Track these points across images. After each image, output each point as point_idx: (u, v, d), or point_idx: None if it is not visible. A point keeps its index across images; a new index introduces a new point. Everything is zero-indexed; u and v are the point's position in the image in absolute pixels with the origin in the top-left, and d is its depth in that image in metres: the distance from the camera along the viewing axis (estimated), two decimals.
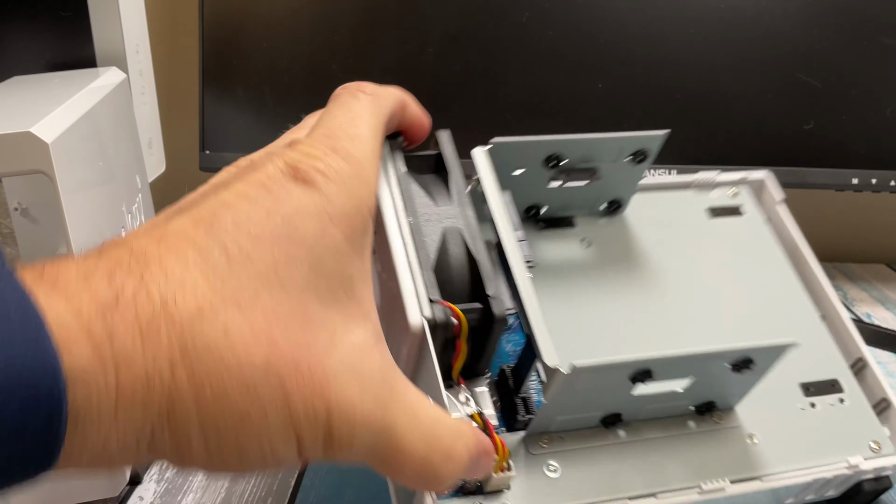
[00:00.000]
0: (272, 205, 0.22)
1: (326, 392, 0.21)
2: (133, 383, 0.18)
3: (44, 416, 0.17)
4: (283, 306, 0.21)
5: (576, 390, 0.31)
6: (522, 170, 0.38)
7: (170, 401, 0.19)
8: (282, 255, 0.21)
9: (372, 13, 0.61)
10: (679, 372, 0.32)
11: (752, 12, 0.60)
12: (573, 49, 0.61)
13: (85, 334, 0.18)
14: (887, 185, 0.61)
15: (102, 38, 0.49)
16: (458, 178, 0.33)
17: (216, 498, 0.39)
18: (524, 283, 0.32)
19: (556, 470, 0.33)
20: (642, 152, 0.39)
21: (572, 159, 0.38)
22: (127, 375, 0.18)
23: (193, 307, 0.19)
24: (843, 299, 0.69)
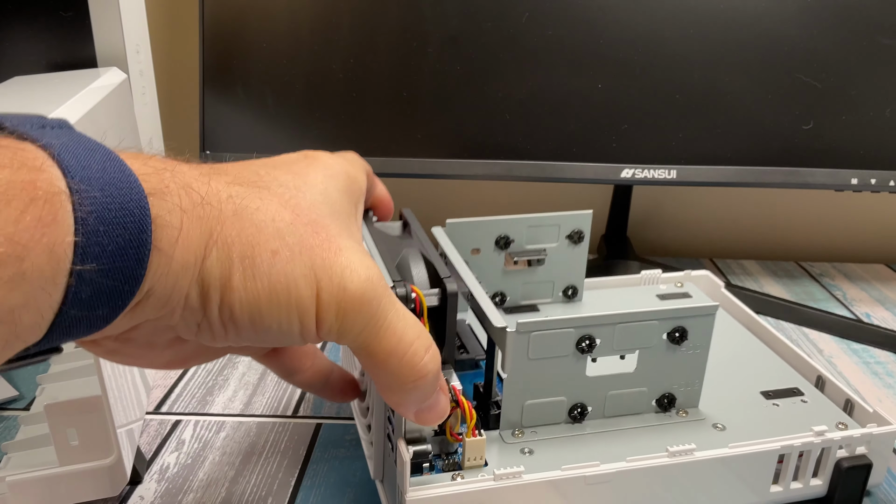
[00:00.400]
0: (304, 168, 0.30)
1: (339, 255, 0.26)
2: (192, 220, 0.23)
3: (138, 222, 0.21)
4: (304, 206, 0.27)
5: (530, 360, 0.35)
6: (479, 250, 0.45)
7: (219, 233, 0.24)
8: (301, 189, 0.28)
9: (372, 13, 0.61)
10: (620, 341, 0.36)
11: (752, 13, 0.60)
12: (573, 49, 0.61)
13: (163, 188, 0.23)
14: (886, 185, 0.62)
15: (103, 38, 0.49)
16: (419, 229, 0.39)
17: (216, 498, 0.39)
18: (467, 273, 0.38)
19: (531, 452, 0.36)
20: (578, 232, 0.47)
21: (518, 240, 0.46)
22: (189, 215, 0.23)
23: (225, 192, 0.25)
24: (843, 299, 0.70)
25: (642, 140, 0.62)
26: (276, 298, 0.25)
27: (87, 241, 0.20)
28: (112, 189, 0.21)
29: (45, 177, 0.19)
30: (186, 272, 0.23)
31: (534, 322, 0.35)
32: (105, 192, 0.20)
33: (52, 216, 0.19)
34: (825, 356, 0.58)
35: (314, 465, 0.42)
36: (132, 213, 0.21)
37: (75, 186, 0.20)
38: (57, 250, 0.19)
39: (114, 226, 0.20)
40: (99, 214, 0.20)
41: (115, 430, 0.36)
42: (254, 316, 0.25)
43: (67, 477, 0.36)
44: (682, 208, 0.84)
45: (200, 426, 0.46)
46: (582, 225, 0.46)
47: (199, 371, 0.53)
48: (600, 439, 0.37)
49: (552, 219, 0.45)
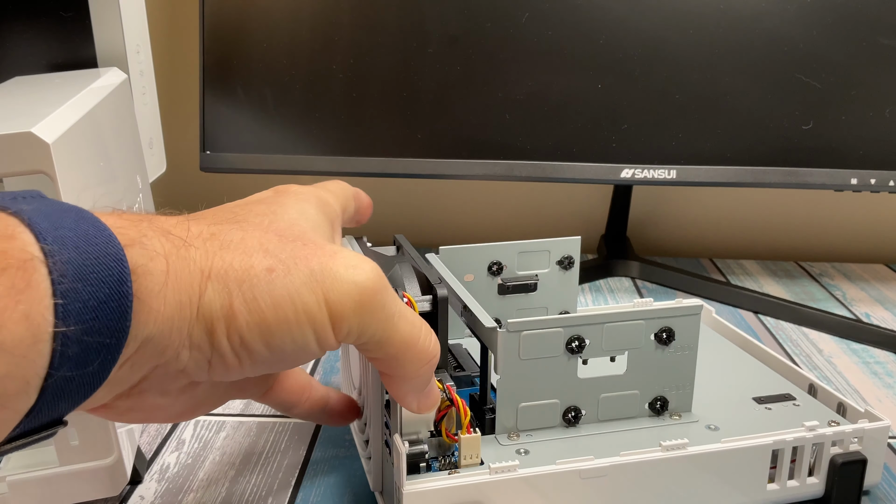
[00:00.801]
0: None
1: (336, 257, 0.26)
2: (178, 262, 0.24)
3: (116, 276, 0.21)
4: (284, 226, 0.28)
5: (521, 361, 0.36)
6: (472, 276, 0.46)
7: (209, 268, 0.24)
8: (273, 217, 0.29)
9: (372, 13, 0.62)
10: (608, 341, 0.37)
11: (752, 13, 0.60)
12: (573, 49, 0.61)
13: (141, 237, 0.23)
14: (886, 185, 0.62)
15: (103, 38, 0.49)
16: (411, 249, 0.40)
17: (217, 498, 0.39)
18: (459, 286, 0.40)
19: (527, 452, 0.36)
20: (568, 258, 0.47)
21: (510, 266, 0.46)
22: (174, 258, 0.23)
23: (206, 231, 0.26)
24: (843, 299, 0.70)
25: (642, 140, 0.62)
26: (283, 314, 0.25)
27: (66, 301, 0.20)
28: (87, 246, 0.21)
29: (16, 244, 0.19)
30: (183, 312, 0.23)
31: (523, 322, 0.35)
32: (80, 249, 0.20)
33: (25, 282, 0.19)
34: (825, 356, 0.58)
35: (314, 465, 0.42)
36: (109, 267, 0.21)
37: (48, 248, 0.20)
38: (34, 317, 0.19)
39: (91, 283, 0.20)
40: (76, 272, 0.20)
41: (115, 429, 0.36)
42: (265, 337, 0.25)
43: (68, 477, 0.36)
44: (682, 208, 0.84)
45: (201, 426, 0.46)
46: (571, 250, 0.47)
47: None
48: (595, 441, 0.37)
49: (542, 244, 0.46)
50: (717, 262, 0.80)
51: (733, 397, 0.42)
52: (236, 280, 0.25)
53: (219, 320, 0.24)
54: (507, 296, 0.47)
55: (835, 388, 0.53)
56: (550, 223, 0.85)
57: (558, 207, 0.85)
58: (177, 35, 0.81)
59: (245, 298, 0.24)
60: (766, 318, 0.65)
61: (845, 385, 0.53)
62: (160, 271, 0.23)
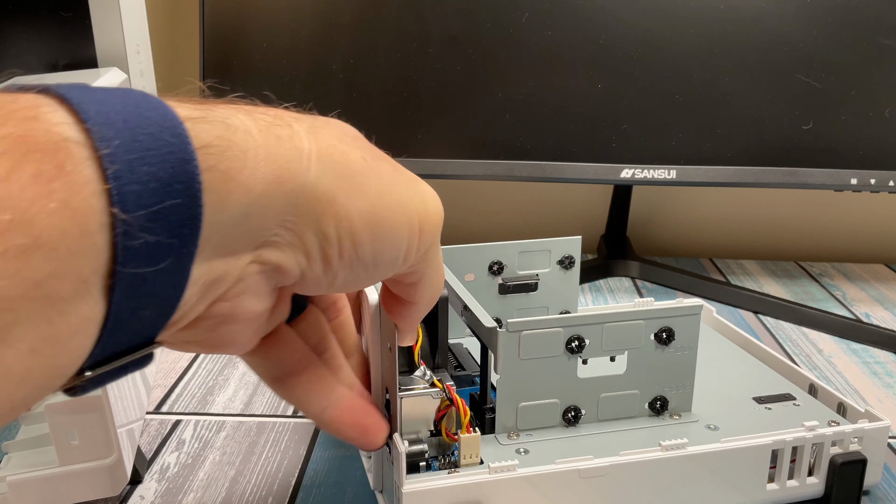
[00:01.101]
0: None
1: (418, 181, 0.26)
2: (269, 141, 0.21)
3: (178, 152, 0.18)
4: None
5: (521, 361, 0.36)
6: (473, 276, 0.46)
7: (312, 151, 0.22)
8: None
9: (372, 13, 0.62)
10: (608, 341, 0.37)
11: (752, 13, 0.60)
12: (573, 49, 0.61)
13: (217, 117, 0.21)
14: (886, 185, 0.62)
15: (103, 38, 0.49)
16: None
17: (216, 498, 0.39)
18: (460, 287, 0.40)
19: (526, 452, 0.36)
20: (569, 257, 0.47)
21: (511, 266, 0.46)
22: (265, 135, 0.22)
23: (290, 115, 0.24)
24: (842, 299, 0.70)
25: (642, 140, 0.62)
26: (390, 205, 0.24)
27: (119, 184, 0.17)
28: (138, 120, 0.18)
29: (40, 126, 0.17)
30: (284, 187, 0.21)
31: (523, 322, 0.35)
32: (129, 124, 0.18)
33: (55, 168, 0.16)
34: (825, 356, 0.58)
35: (314, 465, 0.42)
36: (169, 144, 0.18)
37: (92, 127, 0.17)
38: (78, 205, 0.16)
39: (149, 162, 0.18)
40: (128, 152, 0.17)
41: (115, 429, 0.36)
42: (373, 227, 0.23)
43: (68, 477, 0.36)
44: (681, 208, 0.84)
45: (201, 426, 0.46)
46: (572, 250, 0.47)
47: (200, 371, 0.53)
48: (594, 441, 0.37)
49: (542, 244, 0.46)
50: (717, 262, 0.80)
51: (733, 397, 0.42)
52: (342, 163, 0.23)
53: (330, 201, 0.22)
54: (507, 295, 0.47)
55: (835, 388, 0.53)
56: (550, 223, 0.85)
57: (558, 207, 0.85)
58: (177, 35, 0.81)
59: (355, 182, 0.23)
60: (766, 318, 0.65)
61: (845, 385, 0.53)
62: (246, 145, 0.20)
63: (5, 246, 0.15)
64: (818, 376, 0.55)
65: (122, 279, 0.17)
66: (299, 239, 0.22)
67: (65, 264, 0.16)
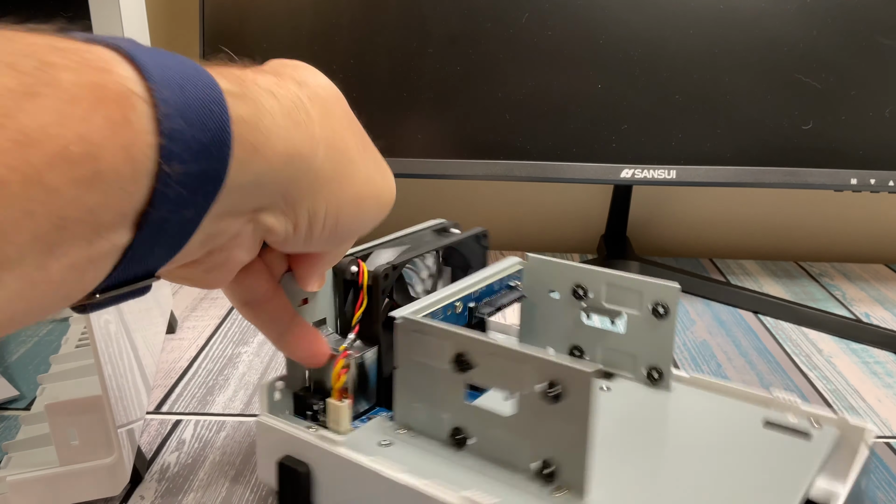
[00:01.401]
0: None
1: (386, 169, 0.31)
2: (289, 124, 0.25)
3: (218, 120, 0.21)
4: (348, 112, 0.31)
5: (413, 361, 0.34)
6: (557, 294, 0.42)
7: (321, 138, 0.26)
8: None
9: (372, 13, 0.62)
10: (496, 374, 0.32)
11: (752, 13, 0.60)
12: (573, 49, 0.61)
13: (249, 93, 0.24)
14: (886, 185, 0.62)
15: None
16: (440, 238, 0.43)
17: (217, 497, 0.39)
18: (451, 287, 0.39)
19: (389, 444, 0.35)
20: (663, 305, 0.40)
21: (596, 295, 0.42)
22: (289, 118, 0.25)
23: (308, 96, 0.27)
24: (842, 299, 0.70)
25: (642, 140, 0.62)
26: (374, 191, 0.29)
27: (169, 140, 0.20)
28: (191, 87, 0.21)
29: (112, 78, 0.19)
30: (293, 165, 0.25)
31: (416, 321, 0.34)
32: (184, 90, 0.20)
33: (122, 116, 0.19)
34: (825, 356, 0.58)
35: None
36: (213, 112, 0.21)
37: (153, 86, 0.20)
38: (134, 152, 0.19)
39: (194, 125, 0.20)
40: (179, 113, 0.20)
41: (115, 429, 0.36)
42: (356, 209, 0.28)
43: (68, 476, 0.36)
44: (681, 208, 0.84)
45: (201, 426, 0.46)
46: (667, 298, 0.39)
47: (200, 371, 0.53)
48: (452, 472, 0.33)
49: (633, 282, 0.40)
50: (717, 262, 0.80)
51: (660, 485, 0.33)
52: (342, 151, 0.27)
53: (327, 184, 0.26)
54: (591, 326, 0.42)
55: (834, 388, 0.53)
56: (550, 223, 0.85)
57: (558, 207, 0.85)
58: (177, 35, 0.81)
59: (349, 171, 0.27)
60: (765, 318, 0.65)
61: (845, 385, 0.53)
62: (271, 125, 0.23)
63: (76, 174, 0.18)
64: (818, 376, 0.55)
65: (151, 220, 0.20)
66: (293, 210, 0.26)
67: (114, 198, 0.19)
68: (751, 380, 0.54)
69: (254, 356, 0.55)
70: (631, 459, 0.35)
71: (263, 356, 0.55)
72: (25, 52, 0.18)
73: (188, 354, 0.56)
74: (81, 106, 0.18)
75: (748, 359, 0.57)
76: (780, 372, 0.55)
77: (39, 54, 0.18)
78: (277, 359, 0.55)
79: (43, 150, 0.17)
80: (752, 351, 0.58)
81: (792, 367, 0.56)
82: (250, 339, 0.58)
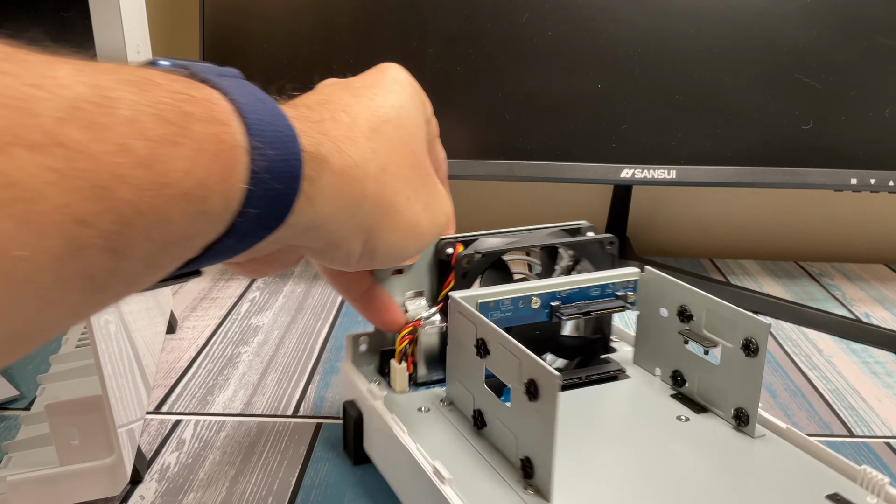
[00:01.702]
0: None
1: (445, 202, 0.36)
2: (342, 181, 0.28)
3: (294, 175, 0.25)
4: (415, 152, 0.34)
5: (454, 338, 0.38)
6: (666, 312, 0.41)
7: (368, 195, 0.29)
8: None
9: (372, 14, 0.62)
10: (500, 360, 0.34)
11: (752, 13, 0.60)
12: (573, 49, 0.61)
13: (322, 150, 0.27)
14: (886, 185, 0.62)
15: (103, 38, 0.49)
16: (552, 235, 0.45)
17: (217, 497, 0.39)
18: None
19: (427, 411, 0.39)
20: (753, 341, 0.36)
21: (698, 320, 0.39)
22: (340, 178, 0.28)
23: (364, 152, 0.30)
24: (842, 299, 0.70)
25: (642, 140, 0.62)
26: (415, 236, 0.33)
27: (253, 189, 0.23)
28: (280, 145, 0.24)
29: (229, 130, 0.22)
30: (340, 215, 0.28)
31: (457, 302, 0.37)
32: (275, 148, 0.24)
33: (231, 167, 0.22)
34: (825, 356, 0.58)
35: (314, 465, 0.42)
36: (291, 167, 0.25)
37: (255, 143, 0.23)
38: (230, 195, 0.22)
39: (275, 178, 0.24)
40: (267, 168, 0.23)
41: (115, 429, 0.36)
42: (397, 250, 0.32)
43: (68, 476, 0.36)
44: (681, 208, 0.84)
45: (201, 426, 0.46)
46: (757, 334, 0.36)
47: (200, 371, 0.53)
48: (463, 450, 0.35)
49: (730, 312, 0.37)
50: (717, 262, 0.80)
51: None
52: (390, 204, 0.30)
53: (369, 231, 0.30)
54: (690, 349, 0.40)
55: (834, 388, 0.53)
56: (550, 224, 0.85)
57: (558, 207, 0.85)
58: (177, 35, 0.81)
59: (393, 220, 0.31)
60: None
61: (845, 385, 0.53)
62: (326, 182, 0.27)
63: (189, 210, 0.21)
64: (818, 376, 0.55)
65: (226, 241, 0.24)
66: (332, 248, 0.30)
67: (207, 230, 0.23)
68: None
69: (254, 356, 0.55)
70: (657, 489, 0.33)
71: (263, 356, 0.55)
72: (168, 102, 0.21)
73: (188, 354, 0.56)
74: (206, 156, 0.21)
75: None
76: (780, 372, 0.55)
77: (180, 104, 0.21)
78: (277, 359, 0.55)
79: (174, 189, 0.20)
80: None
81: (792, 367, 0.56)
82: (250, 339, 0.58)
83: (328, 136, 0.27)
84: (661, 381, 0.42)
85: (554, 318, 0.40)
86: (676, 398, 0.40)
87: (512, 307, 0.39)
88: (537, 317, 0.40)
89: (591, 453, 0.36)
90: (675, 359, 0.41)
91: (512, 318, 0.39)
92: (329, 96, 0.31)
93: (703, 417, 0.39)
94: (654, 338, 0.42)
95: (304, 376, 0.52)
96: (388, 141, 0.31)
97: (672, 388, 0.41)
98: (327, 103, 0.30)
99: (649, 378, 0.42)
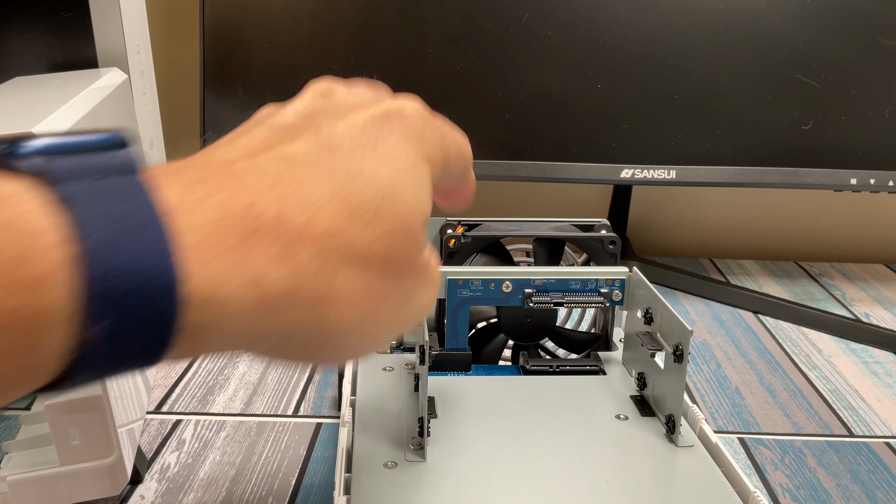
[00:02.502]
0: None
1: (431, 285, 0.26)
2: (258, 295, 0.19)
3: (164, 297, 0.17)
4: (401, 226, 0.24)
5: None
6: (640, 313, 0.40)
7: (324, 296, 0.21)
8: None
9: (372, 14, 0.62)
10: None
11: (751, 13, 0.60)
12: (573, 49, 0.61)
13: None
14: (885, 185, 0.62)
15: (104, 38, 0.49)
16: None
17: (217, 497, 0.39)
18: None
19: (392, 370, 0.43)
20: (679, 347, 0.35)
21: (657, 322, 0.38)
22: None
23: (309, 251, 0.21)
24: (842, 299, 0.70)
25: (642, 140, 0.62)
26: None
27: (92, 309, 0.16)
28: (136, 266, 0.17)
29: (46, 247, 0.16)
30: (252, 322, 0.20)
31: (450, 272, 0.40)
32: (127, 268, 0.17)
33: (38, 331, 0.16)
34: (824, 356, 0.58)
35: (314, 465, 0.42)
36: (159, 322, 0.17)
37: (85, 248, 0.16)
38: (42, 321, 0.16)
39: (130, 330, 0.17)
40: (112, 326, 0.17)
41: (115, 429, 0.36)
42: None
43: (68, 476, 0.36)
44: (681, 208, 0.84)
45: (201, 426, 0.46)
46: (682, 339, 0.35)
47: (200, 371, 0.53)
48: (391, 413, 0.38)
49: (670, 316, 0.37)
50: (716, 262, 0.80)
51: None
52: (332, 333, 0.22)
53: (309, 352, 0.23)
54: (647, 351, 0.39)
55: (834, 388, 0.53)
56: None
57: (558, 207, 0.85)
58: (177, 35, 0.81)
59: (336, 347, 0.23)
60: (765, 318, 0.65)
61: (845, 385, 0.53)
62: (236, 321, 0.19)
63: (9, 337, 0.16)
64: (818, 376, 0.55)
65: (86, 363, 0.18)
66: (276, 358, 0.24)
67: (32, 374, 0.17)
68: (750, 380, 0.54)
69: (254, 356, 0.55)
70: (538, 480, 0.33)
71: None
72: None
73: None
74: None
75: (748, 359, 0.57)
76: (779, 372, 0.55)
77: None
78: None
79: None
80: (752, 351, 0.58)
81: (792, 366, 0.56)
82: None
83: (255, 260, 0.19)
84: (633, 382, 0.41)
85: (526, 305, 0.41)
86: (634, 399, 0.39)
87: (482, 287, 0.41)
88: (509, 300, 0.41)
89: (503, 436, 0.36)
90: (641, 361, 0.41)
91: (482, 298, 0.41)
92: (300, 166, 0.22)
93: (645, 420, 0.37)
94: (631, 339, 0.42)
95: (304, 376, 0.53)
96: (362, 243, 0.21)
97: (637, 389, 0.41)
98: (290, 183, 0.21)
99: (624, 378, 0.42)
